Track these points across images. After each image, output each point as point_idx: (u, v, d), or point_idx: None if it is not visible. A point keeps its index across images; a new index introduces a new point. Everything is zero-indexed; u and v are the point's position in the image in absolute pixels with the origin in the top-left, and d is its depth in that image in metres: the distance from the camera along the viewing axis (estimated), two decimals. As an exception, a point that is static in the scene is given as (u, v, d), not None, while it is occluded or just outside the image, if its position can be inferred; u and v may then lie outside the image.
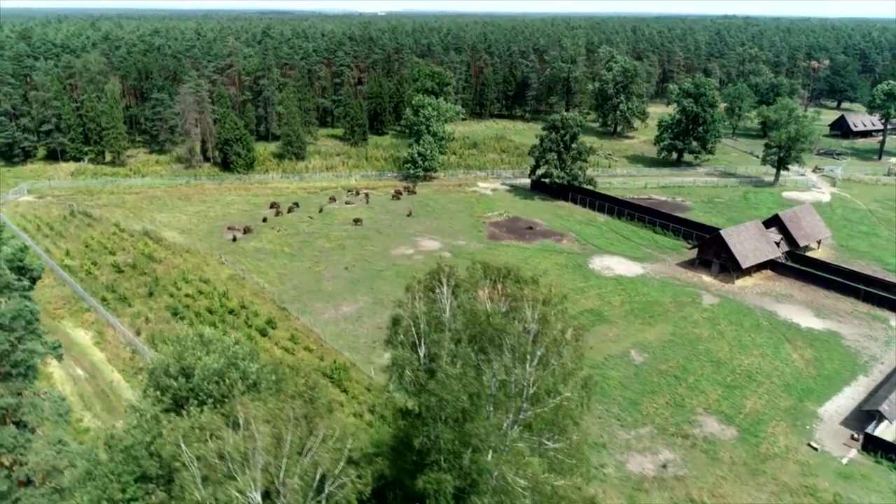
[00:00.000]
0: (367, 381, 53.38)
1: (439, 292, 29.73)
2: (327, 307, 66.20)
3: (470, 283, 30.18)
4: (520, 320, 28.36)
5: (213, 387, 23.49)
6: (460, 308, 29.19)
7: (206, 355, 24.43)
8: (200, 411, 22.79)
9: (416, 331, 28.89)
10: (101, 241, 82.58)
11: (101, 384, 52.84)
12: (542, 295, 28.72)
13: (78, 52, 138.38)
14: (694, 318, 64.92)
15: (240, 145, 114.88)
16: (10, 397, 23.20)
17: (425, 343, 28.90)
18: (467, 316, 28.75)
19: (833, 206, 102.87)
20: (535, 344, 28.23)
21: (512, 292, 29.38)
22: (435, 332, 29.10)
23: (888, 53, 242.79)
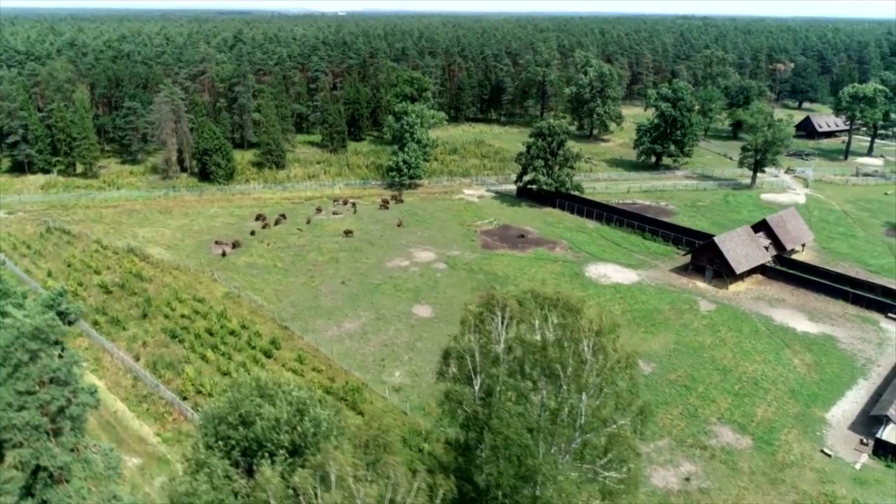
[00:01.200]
0: (381, 402, 52.62)
1: (493, 324, 29.32)
2: (329, 324, 65.13)
3: (523, 313, 29.85)
4: (575, 351, 28.28)
5: (283, 437, 22.68)
6: (516, 339, 28.85)
7: (270, 402, 23.55)
8: (272, 463, 21.97)
9: (471, 364, 28.44)
10: (83, 259, 79.69)
11: (104, 415, 50.83)
12: (597, 324, 28.63)
13: (43, 60, 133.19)
14: (694, 326, 65.99)
15: (219, 155, 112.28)
16: (65, 455, 22.01)
17: (480, 376, 28.50)
18: (524, 347, 28.46)
19: (809, 207, 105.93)
20: (590, 373, 28.21)
21: (567, 322, 29.16)
22: (489, 364, 28.71)
23: (844, 54, 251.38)
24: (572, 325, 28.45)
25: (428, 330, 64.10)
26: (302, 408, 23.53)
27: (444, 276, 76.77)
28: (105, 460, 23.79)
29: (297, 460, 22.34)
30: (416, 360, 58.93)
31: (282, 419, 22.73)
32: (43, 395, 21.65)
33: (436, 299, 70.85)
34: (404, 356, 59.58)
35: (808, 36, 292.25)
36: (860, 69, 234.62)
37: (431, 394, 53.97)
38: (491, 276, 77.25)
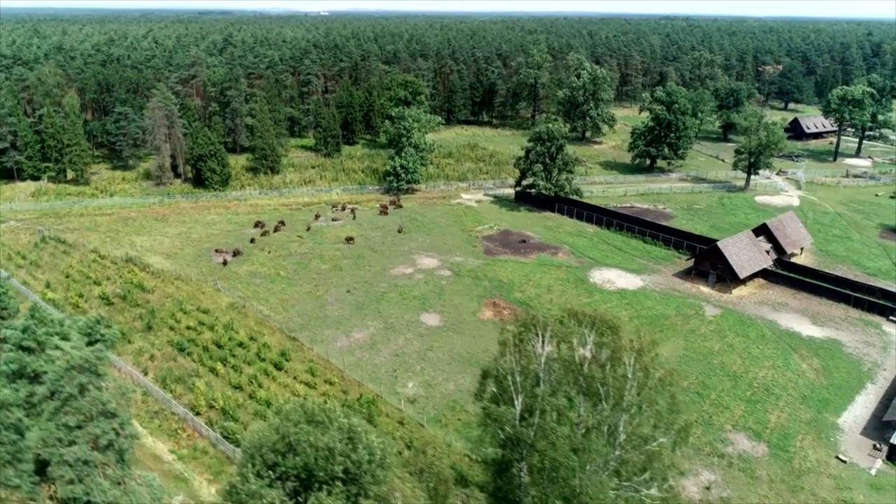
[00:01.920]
0: (396, 413, 52.28)
1: (533, 343, 29.18)
2: (338, 335, 64.63)
3: (563, 332, 29.74)
4: (616, 369, 28.25)
5: (337, 466, 22.34)
6: (557, 359, 28.74)
7: (320, 430, 23.20)
8: (328, 494, 21.64)
9: (512, 385, 28.29)
10: (81, 269, 78.38)
11: (116, 432, 49.87)
12: (637, 342, 28.62)
13: (31, 64, 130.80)
14: (702, 331, 66.45)
15: (214, 161, 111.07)
16: (113, 489, 21.51)
17: (521, 396, 28.35)
18: (565, 367, 28.36)
19: (804, 210, 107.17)
20: (631, 392, 28.22)
21: (607, 341, 29.11)
22: (529, 384, 28.58)
23: (827, 55, 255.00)
24: (613, 343, 28.41)
25: (438, 339, 63.84)
26: (354, 435, 23.23)
27: (449, 284, 76.55)
28: (150, 491, 23.32)
29: (351, 489, 22.04)
30: (428, 370, 58.67)
31: (335, 448, 22.41)
32: (92, 428, 21.14)
33: (443, 307, 70.61)
34: (416, 366, 59.28)
35: (791, 37, 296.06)
36: (843, 70, 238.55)
37: (446, 405, 53.92)
38: (496, 282, 77.18)
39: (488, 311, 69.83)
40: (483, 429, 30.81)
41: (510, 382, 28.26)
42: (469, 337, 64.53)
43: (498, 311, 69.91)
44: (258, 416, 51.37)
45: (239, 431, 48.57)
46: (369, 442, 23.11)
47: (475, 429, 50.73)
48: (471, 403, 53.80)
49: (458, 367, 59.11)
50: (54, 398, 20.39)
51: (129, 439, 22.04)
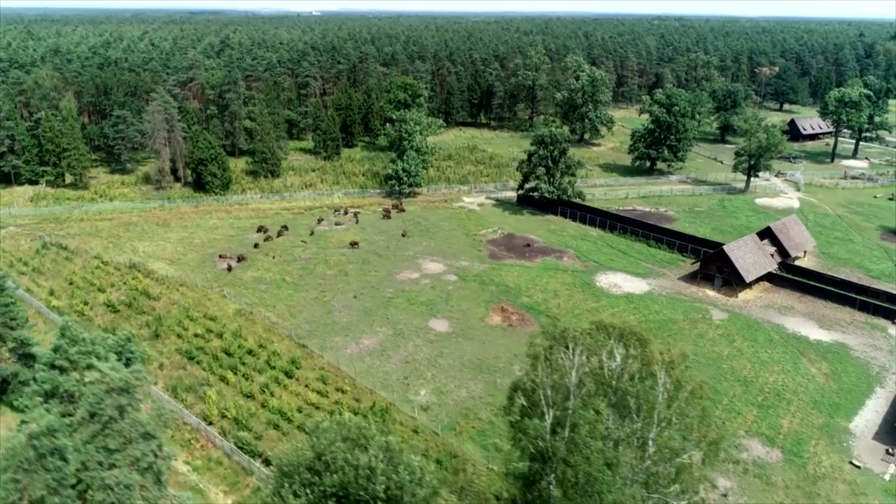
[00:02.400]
0: (410, 422, 52.12)
1: (564, 357, 29.11)
2: (347, 341, 64.37)
3: (592, 345, 29.68)
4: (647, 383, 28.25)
5: (378, 486, 22.17)
6: (588, 373, 28.67)
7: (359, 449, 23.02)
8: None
9: (543, 399, 28.22)
10: (84, 276, 77.74)
11: (128, 443, 49.47)
12: (668, 355, 28.62)
13: (27, 67, 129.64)
14: (710, 336, 66.65)
15: (215, 165, 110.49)
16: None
17: (552, 410, 28.29)
18: (596, 380, 28.30)
19: (804, 212, 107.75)
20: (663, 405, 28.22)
21: (638, 354, 29.08)
22: (560, 398, 28.52)
23: (821, 56, 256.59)
24: (645, 357, 28.39)
25: (448, 345, 63.71)
26: (393, 455, 23.08)
27: (456, 289, 76.43)
28: (186, 512, 23.05)
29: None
30: (439, 377, 58.53)
31: (376, 468, 22.26)
32: (132, 451, 20.90)
33: (451, 313, 70.48)
34: (427, 373, 59.13)
35: (785, 38, 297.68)
36: (837, 70, 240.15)
37: (459, 412, 53.81)
38: (503, 287, 77.14)
39: (496, 317, 69.77)
40: (513, 443, 30.71)
41: (541, 396, 28.19)
42: (478, 343, 64.45)
43: (506, 316, 69.87)
44: (271, 426, 51.18)
45: (253, 442, 48.37)
46: (409, 462, 22.98)
47: (490, 436, 50.89)
48: (484, 411, 54.00)
49: (470, 374, 59.00)
50: (94, 421, 20.13)
51: (167, 460, 21.81)
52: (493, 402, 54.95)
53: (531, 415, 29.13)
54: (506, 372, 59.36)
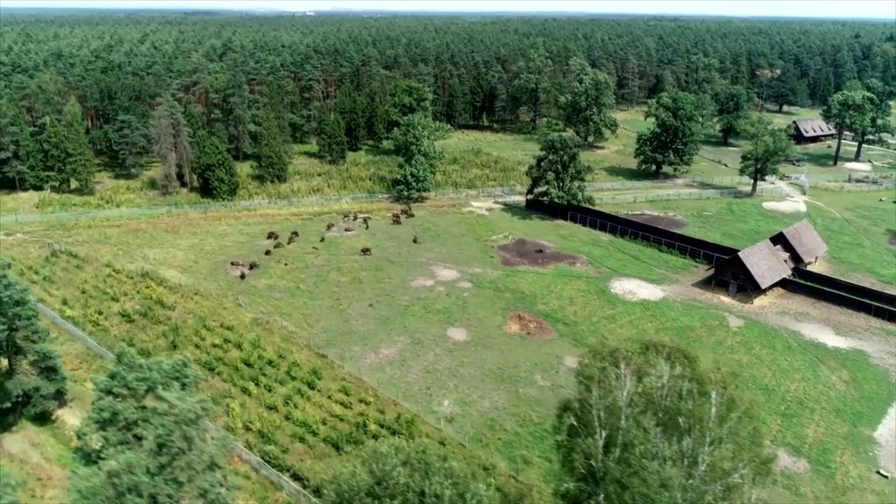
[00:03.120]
0: (436, 433, 51.90)
1: (615, 376, 28.99)
2: (366, 351, 64.11)
3: (644, 364, 29.55)
4: (700, 402, 28.18)
5: (444, 515, 22.00)
6: (639, 392, 28.55)
7: (419, 474, 22.82)
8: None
9: (597, 419, 28.10)
10: (96, 285, 77.14)
11: (154, 457, 49.07)
12: (720, 375, 28.57)
13: (30, 72, 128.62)
14: (728, 343, 66.74)
15: (222, 170, 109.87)
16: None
17: (604, 430, 28.18)
18: (648, 400, 28.18)
19: (812, 216, 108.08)
20: (715, 425, 28.15)
21: (689, 373, 28.98)
22: (612, 417, 28.41)
23: (819, 58, 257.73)
24: (698, 376, 28.31)
25: (468, 355, 63.54)
26: (458, 481, 22.89)
27: (471, 296, 76.26)
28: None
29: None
30: (461, 387, 58.35)
31: (444, 496, 22.07)
32: (200, 482, 20.64)
33: (468, 321, 70.32)
34: (449, 383, 58.93)
35: (783, 40, 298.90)
36: (835, 72, 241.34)
37: (485, 423, 53.65)
38: (518, 294, 77.03)
39: (514, 325, 69.66)
40: (563, 462, 30.58)
41: (594, 416, 28.07)
42: (498, 352, 64.31)
43: (524, 324, 69.77)
44: (297, 439, 50.89)
45: (280, 455, 48.07)
46: (476, 490, 22.80)
47: (517, 448, 50.79)
48: (509, 422, 53.88)
49: (492, 384, 58.86)
50: (162, 452, 19.86)
51: (231, 491, 21.55)
52: (518, 412, 54.93)
53: (581, 434, 28.97)
54: (528, 382, 59.31)
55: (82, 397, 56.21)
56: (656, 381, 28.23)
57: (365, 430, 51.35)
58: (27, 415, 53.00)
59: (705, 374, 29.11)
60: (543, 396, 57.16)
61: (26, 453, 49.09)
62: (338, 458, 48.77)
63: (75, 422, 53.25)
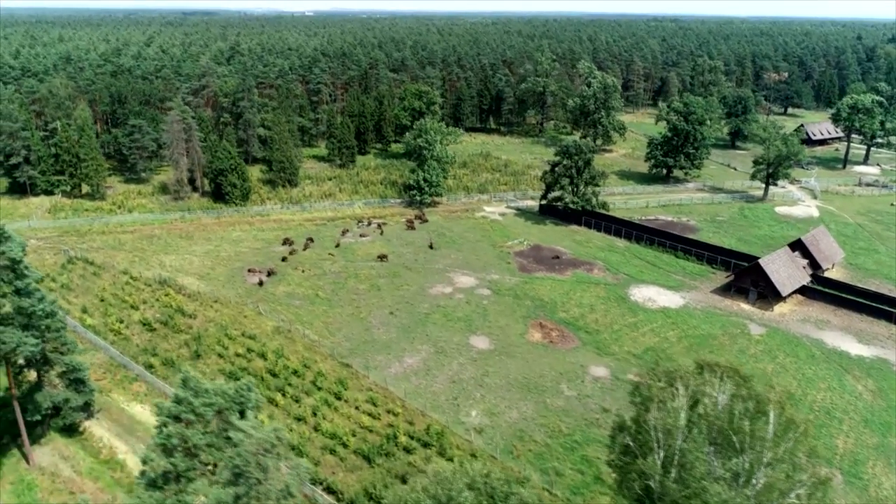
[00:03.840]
0: (466, 445, 51.76)
1: (671, 396, 28.90)
2: (390, 360, 63.96)
3: (699, 383, 29.46)
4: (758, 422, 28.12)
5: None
6: (697, 413, 28.46)
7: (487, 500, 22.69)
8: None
9: (655, 441, 28.01)
10: (114, 293, 76.84)
11: (185, 470, 48.86)
12: (776, 395, 28.51)
13: (40, 76, 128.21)
14: (751, 352, 66.70)
15: (235, 175, 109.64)
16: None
17: (661, 450, 28.09)
18: (707, 421, 28.09)
19: (825, 221, 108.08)
20: (773, 445, 28.10)
21: (746, 393, 28.91)
22: (669, 438, 28.32)
23: (823, 60, 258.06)
24: (756, 396, 28.24)
25: (492, 364, 63.42)
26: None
27: (491, 304, 76.15)
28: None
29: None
30: (488, 397, 58.22)
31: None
32: (277, 513, 20.48)
33: (490, 329, 70.21)
34: (475, 393, 58.81)
35: (786, 41, 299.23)
36: (839, 74, 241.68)
37: (514, 434, 53.54)
38: (537, 301, 76.93)
39: (536, 333, 69.56)
40: (618, 482, 30.48)
41: (653, 437, 27.97)
42: (522, 361, 64.20)
43: (546, 332, 69.68)
44: (327, 451, 50.71)
45: (312, 468, 47.87)
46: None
47: (548, 460, 50.67)
48: (538, 433, 53.77)
49: (518, 394, 58.74)
50: (239, 483, 19.69)
51: (304, 519, 21.39)
52: (546, 423, 54.84)
53: (636, 455, 28.87)
54: (554, 392, 59.21)
55: (108, 408, 56.09)
56: (714, 401, 28.09)
57: (396, 442, 51.22)
58: (54, 426, 52.79)
59: (762, 394, 29.00)
60: (571, 407, 57.09)
61: (57, 466, 48.89)
62: (370, 470, 48.77)
63: (103, 433, 53.18)
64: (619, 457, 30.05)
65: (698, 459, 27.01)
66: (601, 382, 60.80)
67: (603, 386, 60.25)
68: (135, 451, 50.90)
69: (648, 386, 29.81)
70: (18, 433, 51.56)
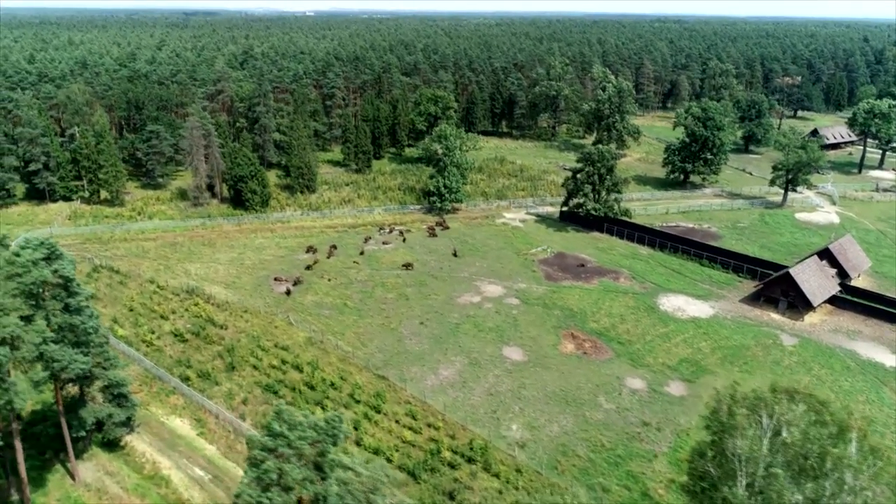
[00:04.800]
0: (509, 460, 51.60)
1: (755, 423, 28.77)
2: (425, 372, 63.81)
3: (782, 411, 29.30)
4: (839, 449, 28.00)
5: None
6: (781, 440, 28.34)
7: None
8: None
9: (739, 468, 27.87)
10: (143, 302, 76.65)
11: (231, 486, 48.79)
12: (857, 422, 28.39)
13: (57, 81, 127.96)
14: (785, 363, 66.56)
15: (255, 181, 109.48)
16: None
17: (744, 478, 27.97)
18: (790, 448, 27.96)
19: (846, 227, 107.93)
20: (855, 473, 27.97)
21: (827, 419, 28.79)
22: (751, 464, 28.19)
23: (831, 62, 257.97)
24: (839, 422, 28.13)
25: (527, 376, 63.26)
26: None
27: (520, 314, 75.98)
28: None
29: None
30: (527, 410, 58.07)
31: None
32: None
33: (522, 340, 70.05)
34: (514, 407, 58.65)
35: (794, 44, 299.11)
36: (848, 77, 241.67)
37: (557, 449, 53.39)
38: (567, 311, 76.77)
39: (569, 344, 69.40)
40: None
41: (736, 464, 27.85)
42: (557, 373, 64.04)
43: (579, 343, 69.53)
44: (372, 466, 50.51)
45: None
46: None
47: (593, 475, 50.54)
48: (581, 447, 53.61)
49: (557, 408, 58.58)
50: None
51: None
52: (588, 437, 54.69)
53: (715, 481, 28.74)
54: (592, 405, 59.07)
55: (148, 422, 55.90)
56: (797, 428, 27.96)
57: (439, 457, 51.09)
58: (95, 441, 52.65)
59: (843, 420, 28.87)
60: (610, 420, 56.95)
61: (102, 482, 48.72)
62: (416, 487, 48.65)
63: (145, 448, 53.00)
64: (697, 482, 29.92)
65: (785, 488, 26.85)
66: (639, 395, 60.65)
67: (641, 399, 60.10)
68: (178, 466, 50.81)
69: (730, 412, 29.65)
70: (61, 448, 51.50)
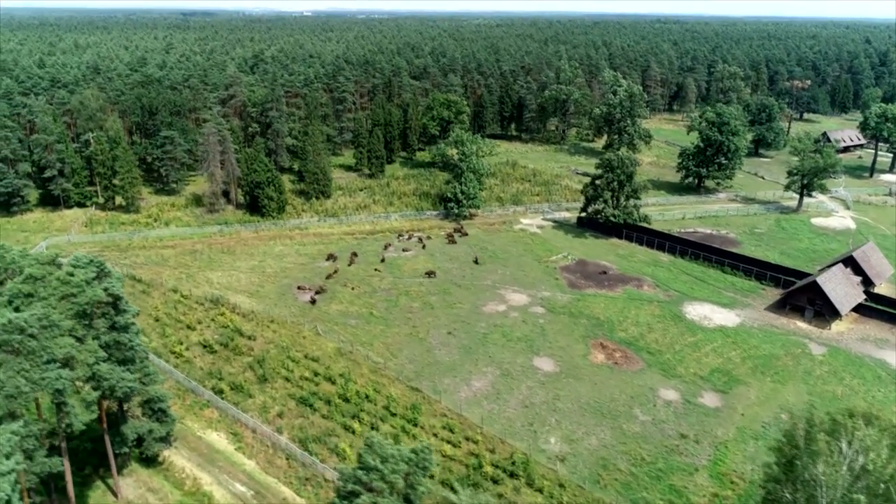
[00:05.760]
0: (551, 474, 51.45)
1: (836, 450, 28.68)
2: (458, 383, 63.61)
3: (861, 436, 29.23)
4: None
5: None
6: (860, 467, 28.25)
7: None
8: None
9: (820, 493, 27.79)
10: (168, 312, 76.35)
11: (273, 503, 48.56)
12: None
13: (70, 87, 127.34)
14: (817, 373, 66.54)
15: (271, 188, 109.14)
16: None
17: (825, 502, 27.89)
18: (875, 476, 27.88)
19: (863, 233, 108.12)
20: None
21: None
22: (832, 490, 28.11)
23: (836, 65, 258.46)
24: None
25: (561, 387, 63.12)
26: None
27: (547, 323, 75.85)
28: None
29: None
30: (564, 423, 57.93)
31: None
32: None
33: (552, 350, 69.91)
34: (550, 419, 58.51)
35: (797, 45, 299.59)
36: (853, 79, 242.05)
37: (597, 462, 53.26)
38: (593, 320, 76.68)
39: (599, 354, 69.30)
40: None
41: (818, 491, 27.76)
42: (590, 384, 63.92)
43: (609, 353, 69.43)
44: (414, 481, 50.33)
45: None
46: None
47: (636, 490, 50.44)
48: (621, 461, 53.50)
49: (593, 420, 58.47)
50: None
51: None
52: (627, 450, 54.57)
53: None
54: (628, 417, 58.96)
55: (184, 436, 55.59)
56: (878, 454, 27.88)
57: (481, 471, 50.92)
58: (134, 456, 52.37)
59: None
60: (648, 433, 56.85)
61: (145, 499, 48.45)
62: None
63: (184, 463, 52.72)
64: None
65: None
66: (673, 406, 60.58)
67: (676, 410, 60.02)
68: (219, 482, 50.55)
69: (808, 436, 29.53)
70: (100, 464, 51.32)
